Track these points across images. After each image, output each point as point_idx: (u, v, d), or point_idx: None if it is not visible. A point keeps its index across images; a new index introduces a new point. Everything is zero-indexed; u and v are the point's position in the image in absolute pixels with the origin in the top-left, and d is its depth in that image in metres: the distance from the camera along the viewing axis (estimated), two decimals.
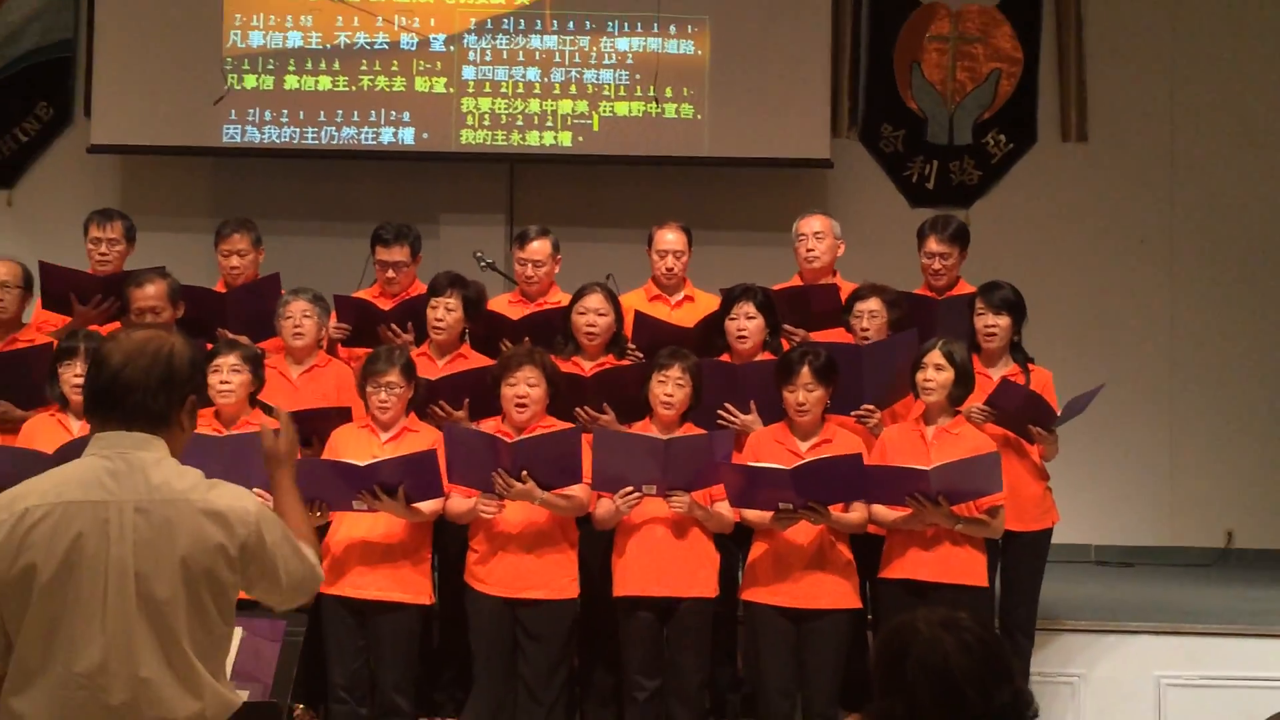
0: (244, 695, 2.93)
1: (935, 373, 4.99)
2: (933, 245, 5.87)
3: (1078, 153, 8.63)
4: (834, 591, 4.97)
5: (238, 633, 2.95)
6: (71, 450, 4.52)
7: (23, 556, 2.50)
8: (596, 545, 5.15)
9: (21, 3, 8.66)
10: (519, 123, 8.34)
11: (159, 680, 2.52)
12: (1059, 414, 5.37)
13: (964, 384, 5.04)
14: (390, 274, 6.01)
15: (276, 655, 3.10)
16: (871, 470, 4.91)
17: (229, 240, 6.12)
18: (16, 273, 5.74)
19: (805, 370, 4.93)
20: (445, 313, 5.54)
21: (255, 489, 4.61)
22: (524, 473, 4.82)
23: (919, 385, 5.03)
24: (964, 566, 4.93)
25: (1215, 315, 8.52)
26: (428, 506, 4.93)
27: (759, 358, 5.42)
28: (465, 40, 8.35)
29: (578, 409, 5.28)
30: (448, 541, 5.25)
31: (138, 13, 8.35)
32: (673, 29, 8.34)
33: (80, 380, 4.73)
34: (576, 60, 8.37)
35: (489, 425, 5.11)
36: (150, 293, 5.55)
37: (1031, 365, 5.51)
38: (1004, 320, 5.43)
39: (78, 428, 4.87)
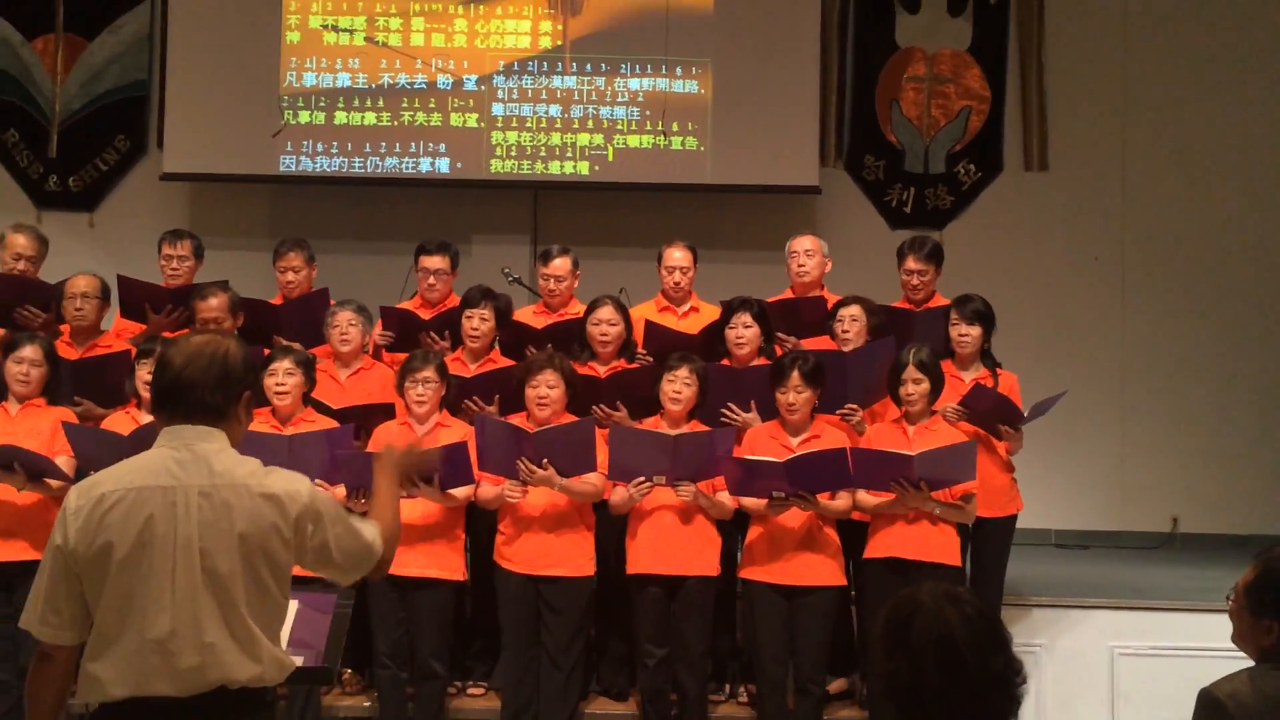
0: (299, 660, 2.91)
1: (914, 386, 4.99)
2: (911, 263, 5.85)
3: (1039, 180, 8.63)
4: (822, 570, 4.96)
5: (293, 605, 2.93)
6: (146, 432, 4.57)
7: (100, 536, 2.52)
8: (611, 528, 5.15)
9: (103, 47, 8.70)
10: (542, 154, 8.35)
11: (222, 645, 2.52)
12: (1025, 414, 5.36)
13: (937, 386, 5.05)
14: (431, 280, 6.00)
15: (328, 625, 3.08)
16: (864, 454, 4.89)
17: (285, 258, 6.13)
18: (95, 285, 5.76)
19: (795, 374, 4.93)
20: (480, 322, 5.55)
21: (317, 480, 4.68)
22: (544, 460, 4.82)
23: (902, 397, 5.03)
24: (940, 547, 4.91)
25: (1162, 325, 8.52)
26: (460, 492, 4.93)
27: (755, 362, 5.40)
28: (494, 81, 8.36)
29: (594, 406, 5.27)
30: (479, 525, 5.25)
31: (205, 56, 8.37)
32: (679, 70, 8.34)
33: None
34: (593, 98, 8.37)
35: (515, 421, 5.09)
36: (213, 304, 5.58)
37: (999, 369, 5.50)
38: (975, 329, 5.42)
39: (149, 421, 4.88)
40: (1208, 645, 5.22)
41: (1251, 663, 2.82)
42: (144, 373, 4.96)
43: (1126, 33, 8.65)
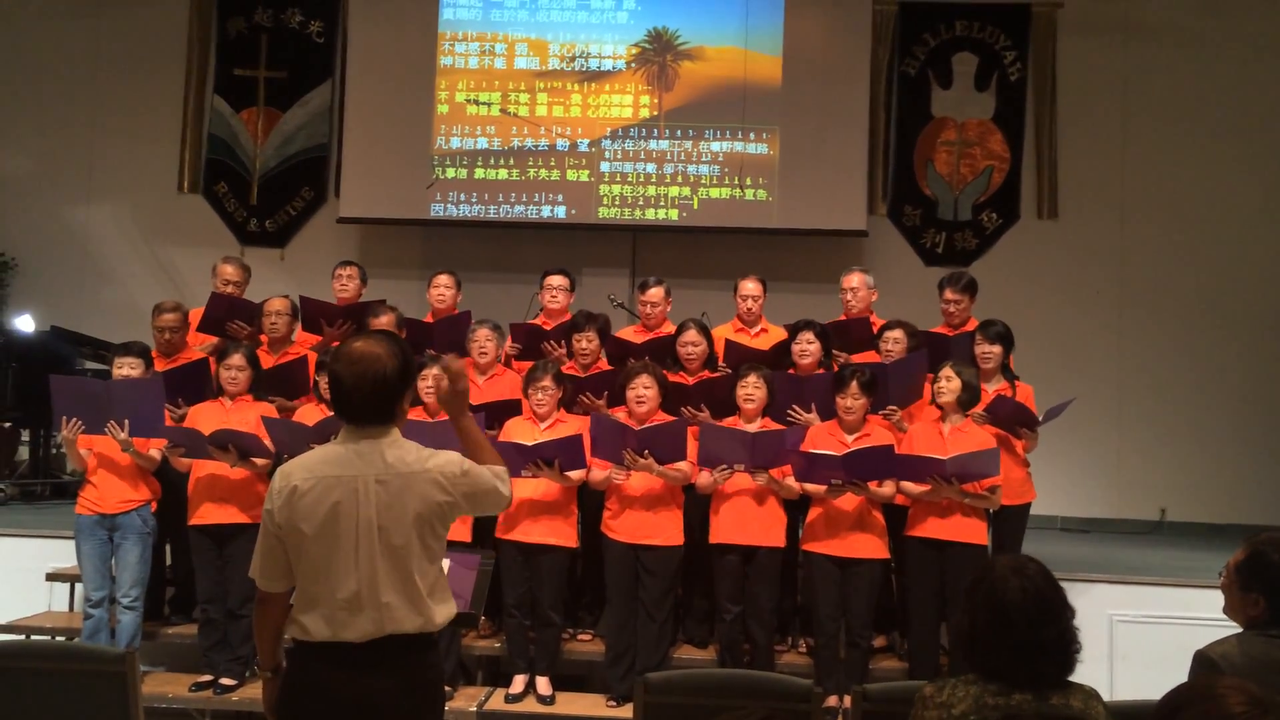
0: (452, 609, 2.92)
1: (946, 382, 4.93)
2: (949, 294, 5.71)
3: (1050, 227, 8.53)
4: (870, 545, 4.89)
5: (446, 563, 2.91)
6: (326, 424, 4.64)
7: (296, 517, 2.54)
8: (697, 506, 5.12)
9: (293, 117, 8.92)
10: (640, 203, 8.38)
11: (395, 604, 2.53)
12: (1039, 418, 5.24)
13: (971, 395, 4.95)
14: (554, 293, 6.04)
15: (474, 580, 3.09)
16: (905, 457, 4.83)
17: (439, 277, 6.16)
18: (286, 305, 5.84)
19: (854, 384, 4.89)
20: (588, 343, 5.57)
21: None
22: (645, 452, 4.81)
23: (936, 390, 4.96)
24: (968, 529, 4.83)
25: (1152, 347, 8.39)
26: (575, 475, 4.93)
27: (815, 372, 5.35)
28: (603, 144, 8.42)
29: (683, 408, 5.25)
30: (590, 502, 5.23)
31: (373, 125, 8.54)
32: (752, 135, 8.34)
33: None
34: (682, 158, 8.39)
35: (617, 415, 5.10)
36: (383, 321, 5.64)
37: (1018, 381, 5.38)
38: (997, 348, 5.31)
39: (330, 415, 4.96)
40: (1190, 615, 5.12)
41: (1237, 630, 2.72)
42: (323, 383, 5.03)
43: (1126, 103, 8.54)
